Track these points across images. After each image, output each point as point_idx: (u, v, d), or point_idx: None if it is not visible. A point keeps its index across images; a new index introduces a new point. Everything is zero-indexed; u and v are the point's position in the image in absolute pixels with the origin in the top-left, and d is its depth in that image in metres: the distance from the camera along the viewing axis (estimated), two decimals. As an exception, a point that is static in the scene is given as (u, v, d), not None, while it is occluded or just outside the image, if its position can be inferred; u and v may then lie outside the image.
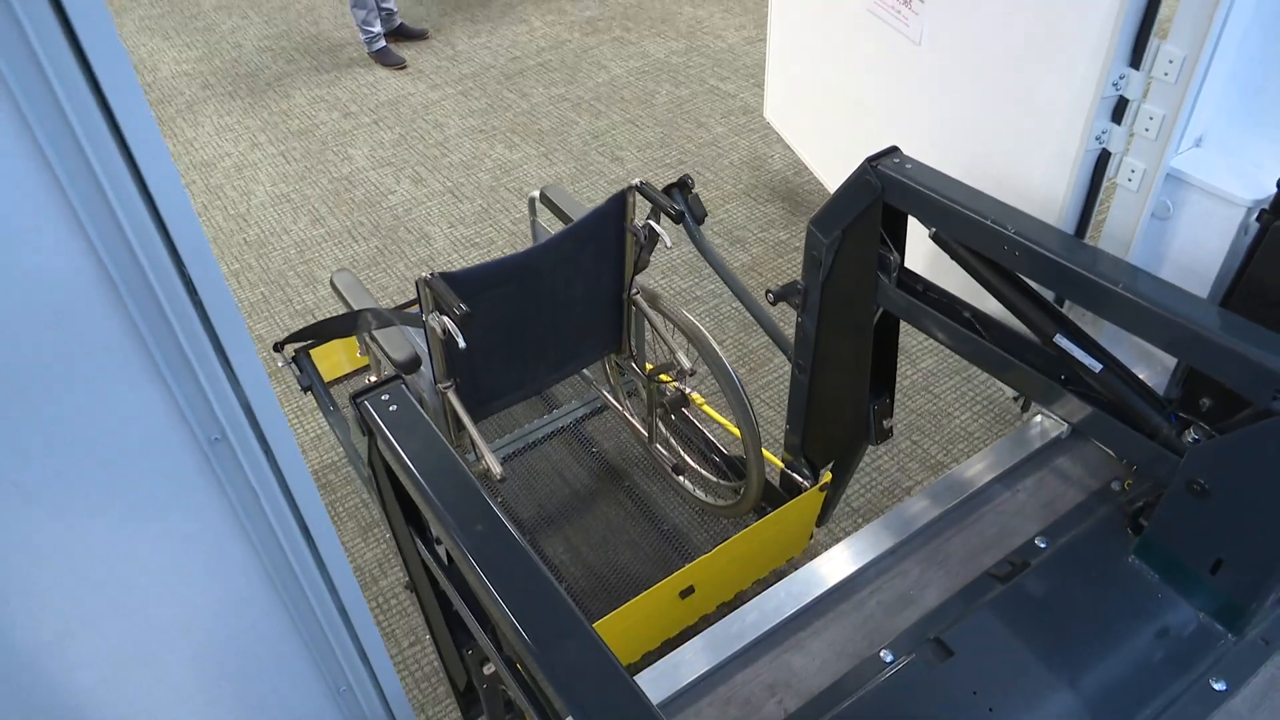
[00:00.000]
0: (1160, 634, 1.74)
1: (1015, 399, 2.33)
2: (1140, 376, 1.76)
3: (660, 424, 3.02)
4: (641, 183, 2.50)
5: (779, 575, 2.40)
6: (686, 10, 6.38)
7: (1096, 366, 1.73)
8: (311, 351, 3.06)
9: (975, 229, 1.81)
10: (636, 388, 3.10)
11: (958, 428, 3.45)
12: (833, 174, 3.36)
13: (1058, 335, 1.78)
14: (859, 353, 2.18)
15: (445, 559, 1.71)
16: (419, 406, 1.60)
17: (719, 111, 5.31)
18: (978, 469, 2.12)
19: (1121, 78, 1.73)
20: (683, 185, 2.50)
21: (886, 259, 2.04)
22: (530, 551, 1.26)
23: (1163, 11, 1.77)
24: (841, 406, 2.33)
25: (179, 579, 1.03)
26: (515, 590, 1.20)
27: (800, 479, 2.57)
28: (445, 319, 2.16)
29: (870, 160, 1.97)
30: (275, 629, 1.15)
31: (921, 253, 2.02)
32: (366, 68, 5.84)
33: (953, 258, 1.94)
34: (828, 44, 1.95)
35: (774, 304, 2.29)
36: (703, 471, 3.00)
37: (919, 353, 3.81)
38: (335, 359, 3.32)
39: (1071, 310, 1.99)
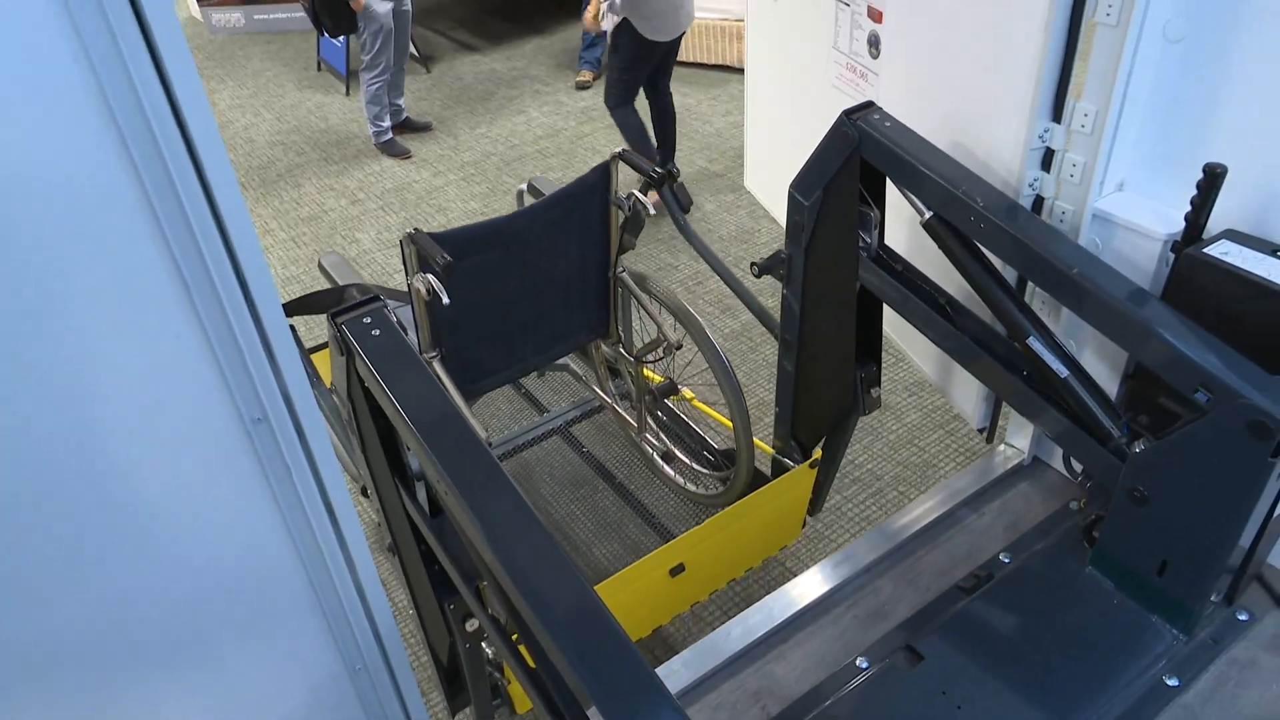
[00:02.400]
0: (1116, 636, 1.87)
1: (980, 430, 2.46)
2: (1101, 379, 1.90)
3: (649, 415, 2.99)
4: (623, 150, 2.52)
5: (769, 580, 2.44)
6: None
7: (1063, 372, 1.84)
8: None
9: (945, 197, 1.83)
10: (626, 384, 3.08)
11: (942, 478, 3.59)
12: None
13: (1031, 338, 1.85)
14: (843, 320, 2.16)
15: (427, 507, 1.68)
16: (401, 331, 1.55)
17: (708, 190, 5.61)
18: (946, 494, 2.27)
19: (1046, 131, 1.95)
20: (669, 174, 2.51)
21: (867, 216, 2.04)
22: (517, 488, 1.29)
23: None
24: (829, 378, 2.30)
25: (221, 543, 1.17)
26: (502, 525, 1.22)
27: (791, 463, 2.51)
28: (429, 276, 2.12)
29: (847, 112, 1.95)
30: (299, 601, 1.28)
31: (903, 236, 2.13)
32: (373, 158, 6.17)
33: (941, 249, 1.96)
34: (797, 116, 2.15)
35: (759, 276, 2.26)
36: (690, 463, 2.98)
37: (904, 408, 3.97)
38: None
39: (1035, 298, 2.11)
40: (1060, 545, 2.05)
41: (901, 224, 2.10)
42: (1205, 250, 1.72)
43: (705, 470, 2.93)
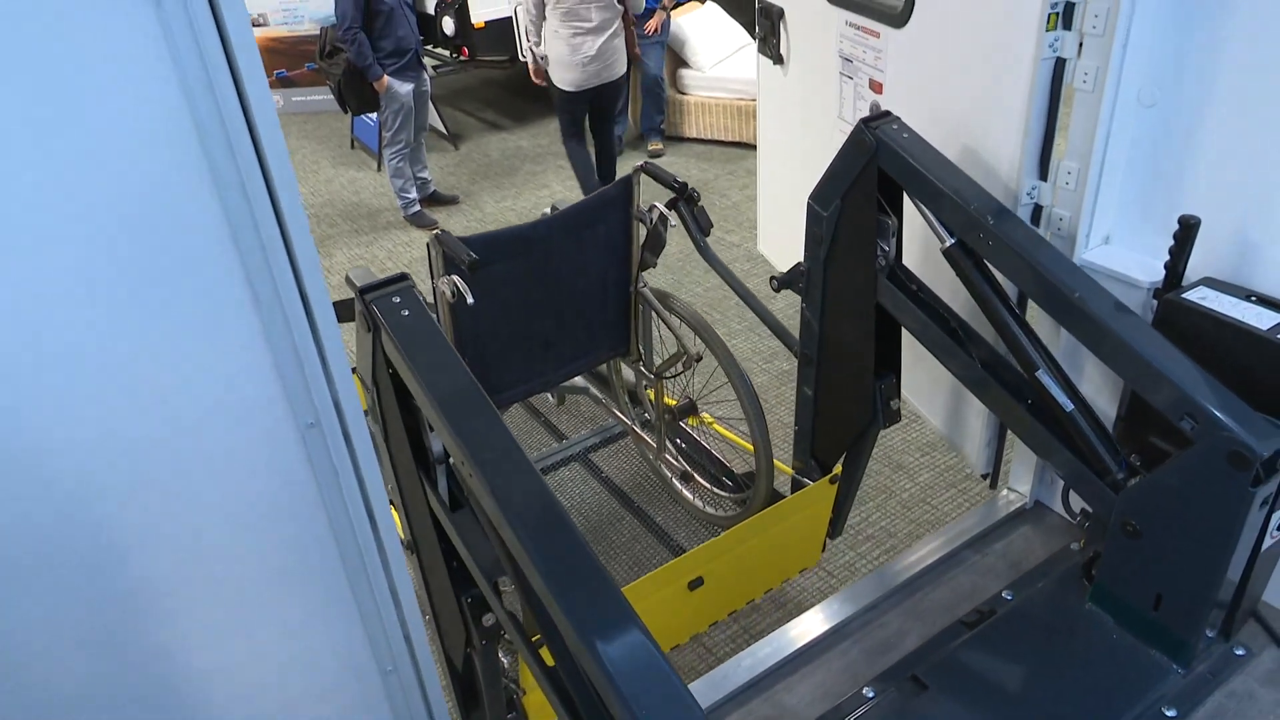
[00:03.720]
0: (1115, 669, 1.92)
1: (984, 476, 2.55)
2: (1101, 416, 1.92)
3: (668, 436, 2.96)
4: (645, 162, 2.53)
5: (779, 616, 2.44)
6: (694, 173, 6.99)
7: (1069, 406, 1.90)
8: None
9: (957, 212, 1.87)
10: (645, 409, 3.07)
11: (953, 534, 3.64)
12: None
13: (1040, 370, 1.90)
14: (863, 330, 2.15)
15: (448, 500, 1.65)
16: (432, 314, 1.52)
17: (725, 258, 5.77)
18: (951, 535, 2.35)
19: (1034, 188, 2.09)
20: (690, 198, 2.51)
21: (885, 224, 2.04)
22: (542, 478, 1.28)
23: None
24: (849, 391, 2.29)
25: (269, 539, 1.28)
26: (530, 515, 1.22)
27: (811, 483, 2.45)
28: (454, 278, 2.12)
29: (865, 120, 1.97)
30: (339, 599, 1.37)
31: (917, 257, 2.17)
32: (402, 229, 6.42)
33: (959, 276, 1.99)
34: (806, 182, 2.27)
35: (778, 290, 2.27)
36: (709, 485, 2.96)
37: (916, 468, 4.04)
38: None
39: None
40: (1061, 583, 2.12)
41: (915, 243, 2.13)
42: (1185, 296, 1.84)
43: (723, 493, 2.92)
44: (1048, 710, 1.86)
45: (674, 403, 2.83)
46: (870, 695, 1.93)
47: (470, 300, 2.10)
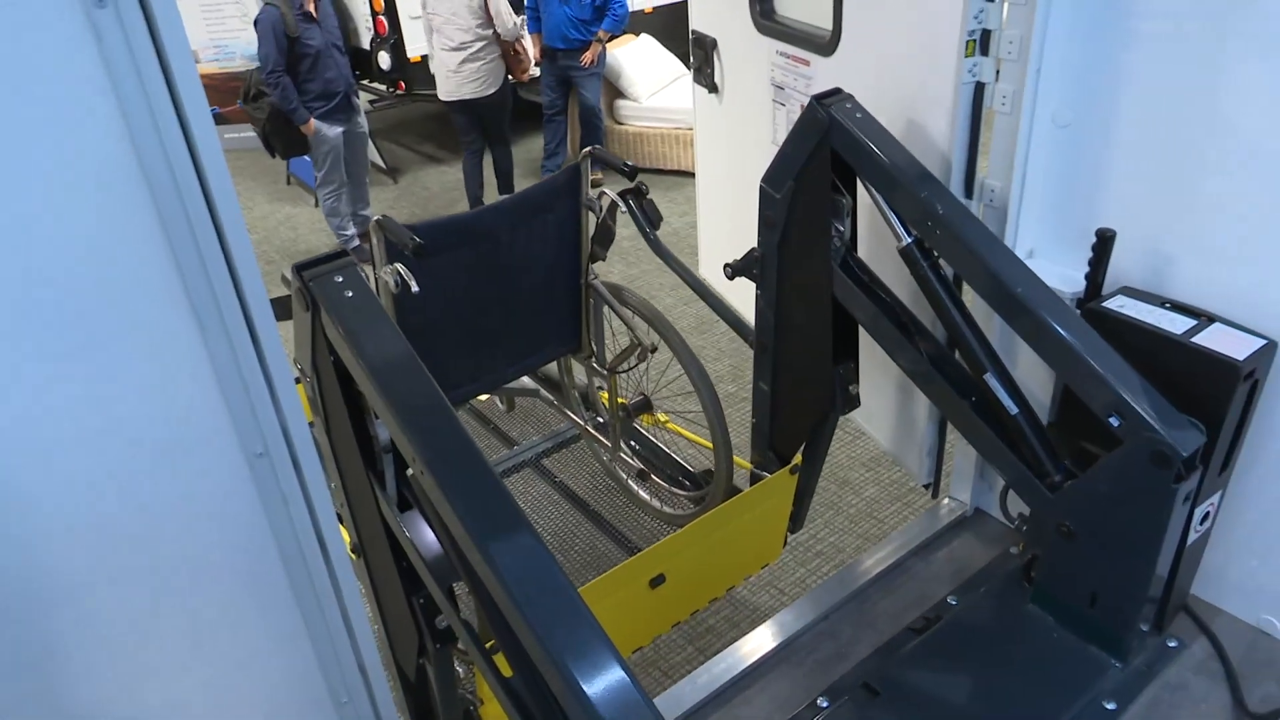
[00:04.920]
0: (1057, 665, 1.99)
1: (926, 486, 2.62)
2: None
3: (623, 435, 2.89)
4: (594, 148, 2.47)
5: (738, 619, 2.36)
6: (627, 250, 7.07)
7: (1014, 409, 1.94)
8: None
9: (909, 199, 1.86)
10: (598, 411, 3.00)
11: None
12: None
13: (988, 374, 1.94)
14: (819, 314, 2.11)
15: (396, 496, 1.56)
16: (376, 296, 1.41)
17: (667, 286, 5.85)
18: (897, 545, 2.41)
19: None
20: (637, 192, 2.46)
21: (840, 204, 2.01)
22: (498, 477, 1.23)
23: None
24: (807, 378, 2.24)
25: (221, 572, 1.27)
26: (483, 511, 1.18)
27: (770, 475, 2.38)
28: (398, 266, 2.00)
29: (817, 97, 1.93)
30: (292, 631, 1.35)
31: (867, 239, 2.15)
32: (343, 264, 6.38)
33: (915, 277, 1.99)
34: (742, 206, 2.32)
35: (732, 278, 2.20)
36: (664, 484, 2.90)
37: (862, 484, 4.11)
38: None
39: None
40: (1002, 586, 2.19)
41: (866, 231, 2.13)
42: (1105, 305, 1.93)
43: (681, 492, 2.87)
44: (994, 710, 1.92)
45: (625, 401, 2.78)
46: (824, 705, 1.96)
47: (415, 288, 1.98)
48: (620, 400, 2.82)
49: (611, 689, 1.10)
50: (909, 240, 1.97)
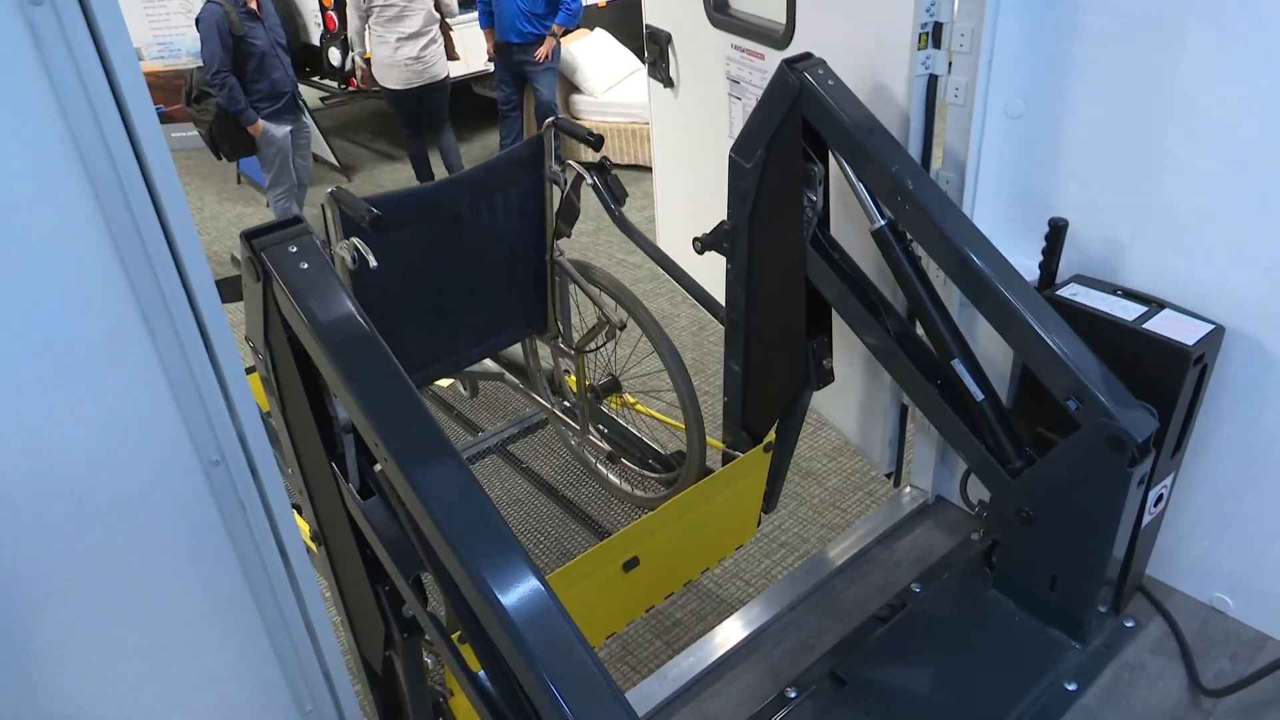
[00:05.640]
0: (1019, 649, 2.02)
1: (888, 475, 2.64)
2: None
3: (591, 417, 2.81)
4: (559, 117, 2.39)
5: (705, 612, 2.37)
6: (591, 197, 7.07)
7: (979, 395, 1.95)
8: None
9: (879, 174, 1.83)
10: (565, 395, 2.93)
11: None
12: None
13: (955, 360, 1.93)
14: (792, 287, 2.06)
15: (357, 481, 1.48)
16: (332, 267, 1.34)
17: (627, 280, 5.84)
18: (861, 534, 2.43)
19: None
20: (601, 168, 2.38)
21: (812, 173, 1.97)
22: (464, 463, 1.18)
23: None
24: (780, 354, 2.19)
25: (183, 584, 1.24)
26: (448, 497, 1.14)
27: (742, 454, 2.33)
28: (355, 240, 1.89)
29: (788, 61, 1.89)
30: (254, 643, 1.33)
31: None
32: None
33: (887, 260, 1.98)
34: (701, 201, 2.32)
35: (701, 252, 2.14)
36: (634, 467, 2.83)
37: (825, 474, 4.14)
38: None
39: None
40: (964, 572, 2.22)
41: (839, 209, 2.10)
42: (1058, 293, 1.96)
43: (651, 474, 2.81)
44: (959, 695, 1.94)
45: (593, 383, 2.72)
46: (793, 695, 1.97)
47: (374, 263, 1.85)
48: (588, 382, 2.75)
49: (583, 684, 1.08)
50: (882, 223, 1.95)
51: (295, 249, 1.34)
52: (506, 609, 1.10)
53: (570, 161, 2.37)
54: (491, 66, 6.46)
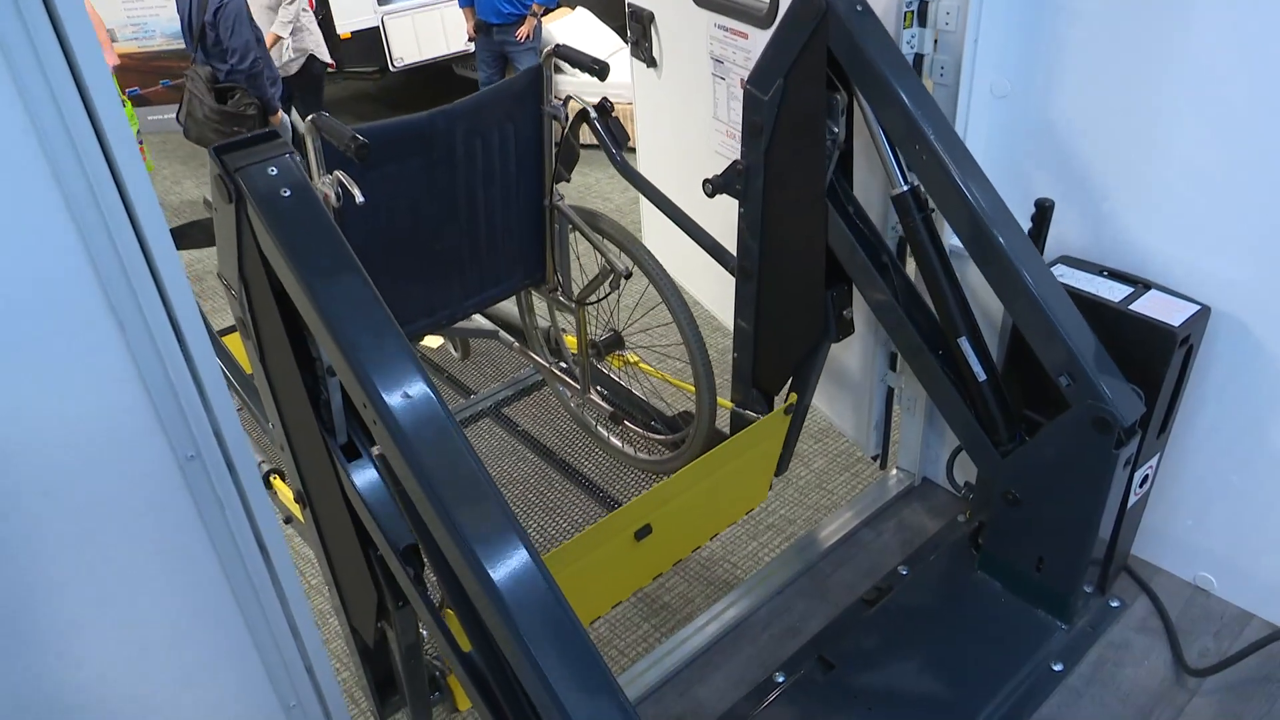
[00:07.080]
0: (1005, 630, 2.03)
1: (874, 458, 2.64)
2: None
3: (592, 375, 2.63)
4: (559, 45, 2.20)
5: (693, 599, 2.29)
6: (575, 178, 7.00)
7: (982, 375, 1.93)
8: None
9: (901, 116, 1.72)
10: (563, 354, 2.77)
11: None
12: (705, 292, 3.77)
13: (962, 338, 1.88)
14: (812, 231, 1.91)
15: (344, 435, 1.37)
16: (315, 192, 1.19)
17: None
18: (847, 517, 2.43)
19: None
20: (602, 109, 2.22)
21: (834, 102, 1.82)
22: (459, 429, 1.11)
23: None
24: (796, 304, 2.05)
25: (162, 583, 1.21)
26: (445, 476, 1.07)
27: (755, 415, 2.21)
28: (339, 174, 1.65)
29: None
30: (237, 641, 1.31)
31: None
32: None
33: (904, 227, 1.91)
34: (686, 183, 2.30)
35: (712, 195, 1.99)
36: (638, 429, 2.67)
37: (811, 455, 4.14)
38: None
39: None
40: (951, 554, 2.22)
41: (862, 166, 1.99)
42: (1045, 274, 1.95)
43: (656, 436, 2.66)
44: (946, 677, 1.95)
45: (594, 339, 2.56)
46: (781, 679, 1.97)
47: (360, 198, 1.61)
48: (588, 338, 2.58)
49: (578, 671, 1.06)
50: (905, 188, 1.85)
51: (275, 170, 1.19)
52: (499, 586, 1.05)
53: (572, 95, 2.19)
54: (472, 47, 6.37)
